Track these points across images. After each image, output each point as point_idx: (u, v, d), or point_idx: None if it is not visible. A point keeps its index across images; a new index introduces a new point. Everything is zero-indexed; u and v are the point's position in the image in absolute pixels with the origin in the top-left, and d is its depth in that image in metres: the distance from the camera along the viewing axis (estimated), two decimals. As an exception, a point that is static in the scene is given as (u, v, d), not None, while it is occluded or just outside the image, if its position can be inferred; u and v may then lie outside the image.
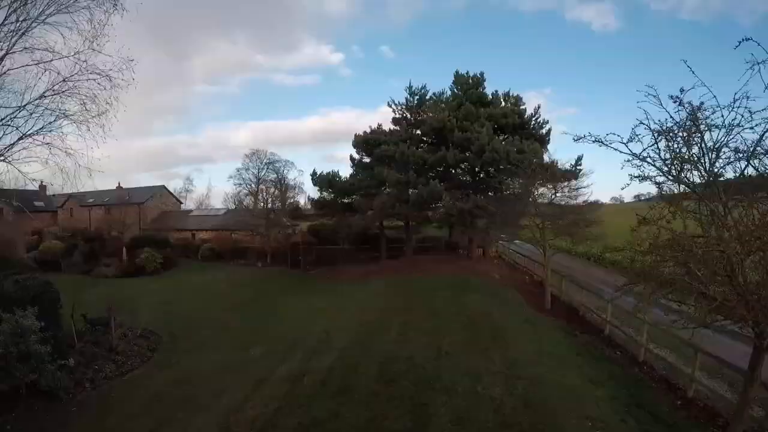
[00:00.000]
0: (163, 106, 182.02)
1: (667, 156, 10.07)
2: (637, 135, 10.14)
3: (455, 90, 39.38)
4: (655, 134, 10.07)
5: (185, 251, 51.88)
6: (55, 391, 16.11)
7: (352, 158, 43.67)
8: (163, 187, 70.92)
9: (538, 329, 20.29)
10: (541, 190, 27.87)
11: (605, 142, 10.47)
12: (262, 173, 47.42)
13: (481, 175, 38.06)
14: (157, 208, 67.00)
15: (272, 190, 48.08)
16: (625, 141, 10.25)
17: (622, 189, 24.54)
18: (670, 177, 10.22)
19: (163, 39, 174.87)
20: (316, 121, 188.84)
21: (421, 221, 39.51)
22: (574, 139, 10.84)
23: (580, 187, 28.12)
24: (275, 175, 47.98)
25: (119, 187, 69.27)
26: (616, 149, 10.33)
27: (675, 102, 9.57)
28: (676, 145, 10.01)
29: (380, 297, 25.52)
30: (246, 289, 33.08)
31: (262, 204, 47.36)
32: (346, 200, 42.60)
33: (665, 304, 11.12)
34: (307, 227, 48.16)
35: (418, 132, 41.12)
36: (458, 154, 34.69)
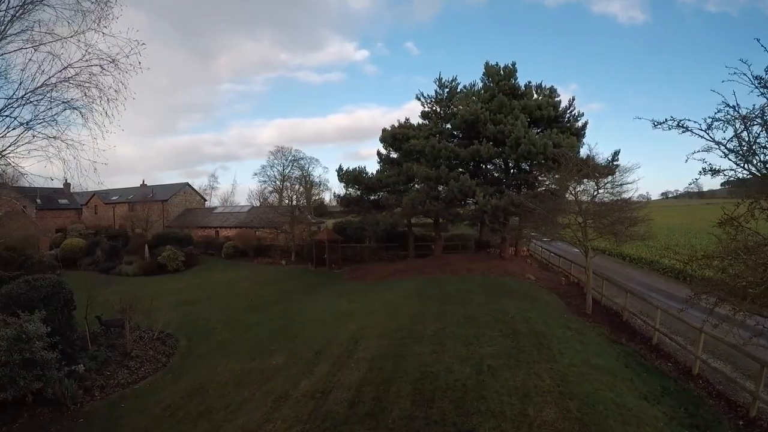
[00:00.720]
0: (189, 105, 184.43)
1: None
2: (717, 121, 8.85)
3: (486, 81, 37.50)
4: (739, 121, 8.52)
5: (208, 249, 51.36)
6: (62, 400, 15.05)
7: (379, 154, 42.31)
8: (187, 184, 70.31)
9: (582, 337, 18.63)
10: (582, 186, 26.11)
11: (688, 128, 9.14)
12: (287, 170, 46.61)
13: (515, 170, 36.26)
14: (181, 205, 66.58)
15: (297, 187, 47.25)
16: (704, 128, 8.99)
17: (691, 183, 22.89)
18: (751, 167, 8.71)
19: (189, 39, 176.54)
20: (341, 119, 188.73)
21: (451, 219, 37.57)
22: (654, 124, 9.47)
23: (625, 183, 26.08)
24: (300, 172, 47.23)
25: (143, 185, 69.70)
26: (696, 134, 8.99)
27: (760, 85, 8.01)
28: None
29: (411, 299, 23.87)
30: (269, 289, 31.77)
31: (286, 201, 46.36)
32: (372, 197, 41.29)
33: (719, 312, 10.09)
34: (333, 224, 46.84)
35: (448, 126, 39.51)
36: (492, 148, 32.87)
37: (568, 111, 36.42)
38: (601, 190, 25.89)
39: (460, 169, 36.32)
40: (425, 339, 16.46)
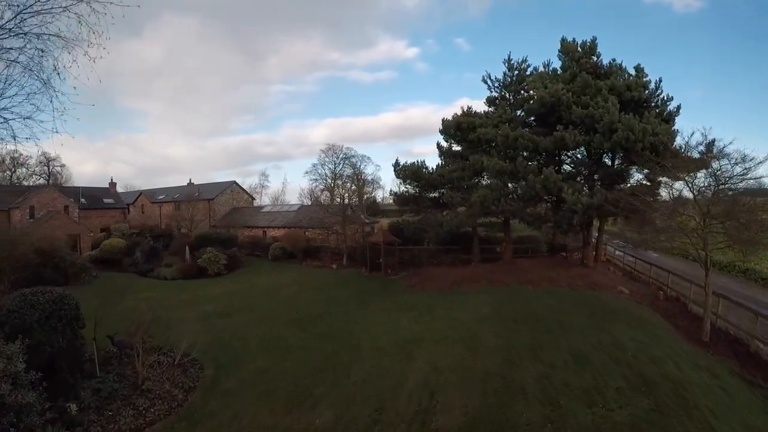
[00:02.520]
0: (242, 106, 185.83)
1: None
2: None
3: (565, 59, 32.31)
4: None
5: (254, 250, 48.18)
6: (42, 456, 11.56)
7: (439, 147, 37.74)
8: (234, 182, 67.61)
9: (721, 382, 14.35)
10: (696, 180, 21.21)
11: None
12: (338, 168, 43.42)
13: (606, 162, 30.99)
14: (228, 204, 64.11)
15: (348, 185, 43.71)
16: None
17: None
18: None
19: (241, 41, 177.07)
20: (392, 117, 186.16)
21: (531, 220, 32.16)
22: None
23: (758, 177, 20.79)
24: (351, 170, 43.82)
25: (190, 183, 68.25)
26: None
27: None
28: None
29: (490, 321, 19.27)
30: (317, 298, 27.56)
31: (338, 200, 42.84)
32: (432, 194, 36.88)
33: None
34: (388, 225, 42.53)
35: (519, 112, 34.52)
36: (578, 135, 27.78)
37: (656, 94, 30.86)
38: (723, 185, 20.76)
39: (537, 162, 31.38)
40: (528, 394, 11.94)
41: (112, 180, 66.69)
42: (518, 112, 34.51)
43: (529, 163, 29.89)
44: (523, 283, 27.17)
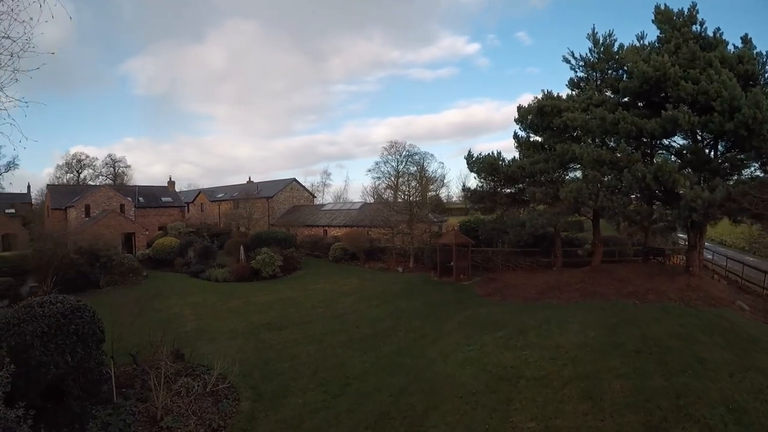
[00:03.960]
0: (305, 107, 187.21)
1: None
2: None
3: (664, 29, 27.25)
4: None
5: (314, 250, 45.44)
6: None
7: (516, 136, 33.43)
8: (294, 179, 65.09)
9: None
10: None
11: None
12: (401, 166, 40.91)
13: (725, 147, 25.76)
14: (288, 202, 61.88)
15: (413, 183, 40.20)
16: None
17: None
18: None
19: (302, 42, 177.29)
20: (454, 114, 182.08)
21: (639, 220, 26.65)
22: None
23: None
24: (415, 168, 40.72)
25: (249, 181, 66.76)
26: None
27: None
28: None
29: (605, 354, 14.82)
30: (382, 309, 23.84)
31: (401, 198, 39.73)
32: (508, 190, 32.82)
33: None
34: (459, 224, 38.56)
35: (608, 94, 29.78)
36: (692, 116, 22.88)
37: (766, 68, 25.46)
38: None
39: (640, 149, 26.61)
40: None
41: (170, 179, 65.92)
42: (608, 94, 29.82)
43: (633, 151, 25.15)
44: (625, 295, 22.75)
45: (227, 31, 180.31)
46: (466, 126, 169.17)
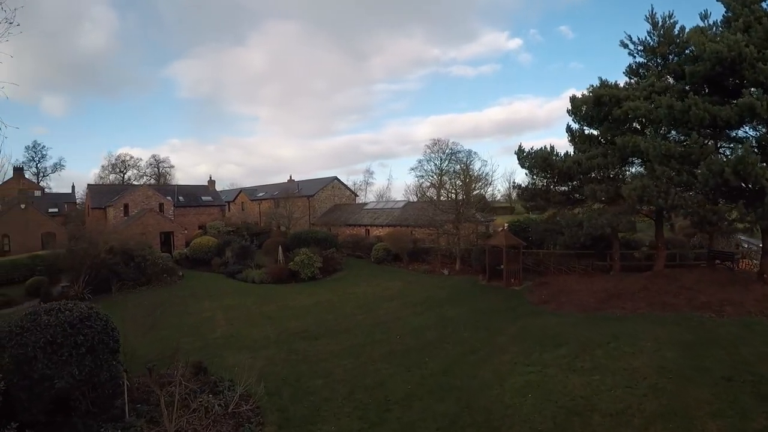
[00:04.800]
0: (347, 106, 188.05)
1: None
2: None
3: (732, 5, 24.41)
4: None
5: (356, 250, 43.56)
6: None
7: (569, 130, 31.07)
8: (336, 178, 63.69)
9: None
10: None
11: None
12: (444, 164, 39.85)
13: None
14: (329, 201, 60.57)
15: (457, 182, 38.08)
16: None
17: None
18: None
19: (343, 42, 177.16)
20: (497, 112, 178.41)
21: (716, 221, 23.55)
22: None
23: None
24: (458, 166, 39.18)
25: (290, 180, 65.72)
26: None
27: None
28: None
29: (693, 383, 12.32)
30: (427, 317, 21.78)
31: (451, 195, 37.43)
32: (561, 187, 30.57)
33: None
34: (508, 224, 36.28)
35: (671, 81, 26.96)
36: (770, 102, 20.08)
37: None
38: None
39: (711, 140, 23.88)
40: None
41: (210, 178, 65.70)
42: (670, 81, 27.14)
43: (707, 142, 22.48)
44: (698, 307, 20.08)
45: (268, 33, 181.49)
46: (509, 123, 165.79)
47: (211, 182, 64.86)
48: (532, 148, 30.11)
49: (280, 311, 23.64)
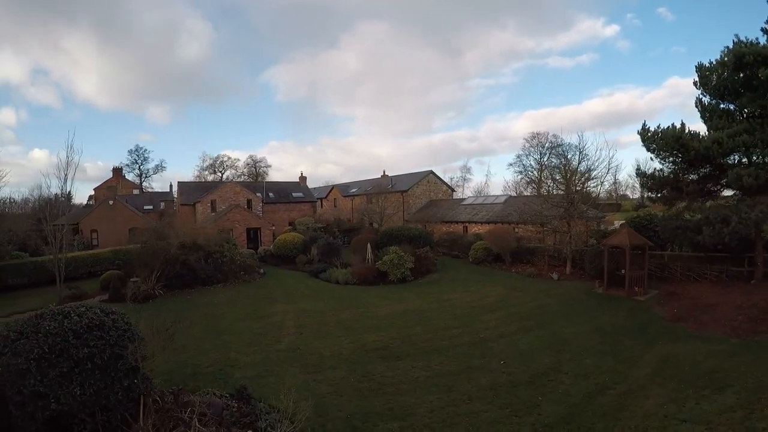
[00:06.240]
0: (442, 103, 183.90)
1: None
2: None
3: None
4: None
5: (452, 249, 40.09)
6: None
7: (699, 103, 25.91)
8: (431, 172, 60.13)
9: None
10: None
11: None
12: (545, 158, 36.87)
13: None
14: (424, 196, 57.29)
15: (556, 176, 33.95)
16: None
17: None
18: None
19: (435, 38, 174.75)
20: (596, 104, 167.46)
21: None
22: None
23: None
24: (558, 160, 35.73)
25: (384, 175, 63.64)
26: None
27: None
28: None
29: None
30: (536, 334, 17.63)
31: (546, 191, 33.79)
32: (692, 175, 25.99)
33: None
34: (627, 221, 31.24)
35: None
36: None
37: None
38: None
39: None
40: None
41: (302, 174, 64.41)
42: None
43: None
44: None
45: (359, 34, 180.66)
46: (609, 116, 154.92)
47: (302, 178, 63.47)
48: (658, 127, 25.41)
49: (360, 319, 20.25)
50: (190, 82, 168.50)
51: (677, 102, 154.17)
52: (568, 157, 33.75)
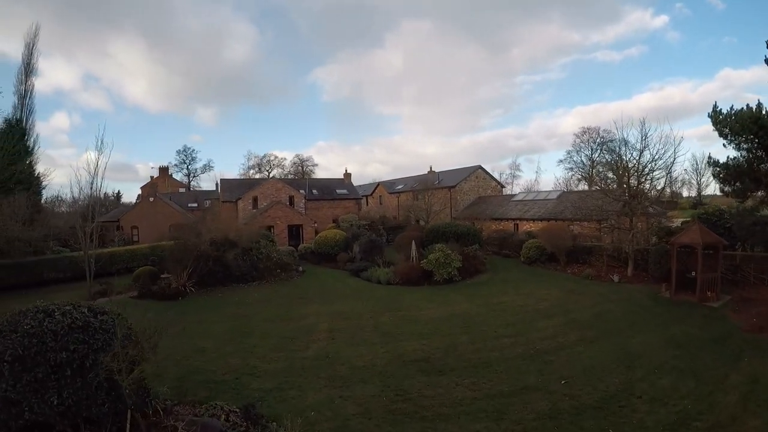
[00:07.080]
0: (489, 101, 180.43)
1: None
2: None
3: None
4: None
5: (502, 248, 38.04)
6: None
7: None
8: (480, 167, 57.86)
9: None
10: None
11: None
12: (596, 155, 33.66)
13: None
14: (473, 192, 55.31)
15: (609, 174, 31.55)
16: None
17: None
18: None
19: (478, 35, 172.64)
20: (647, 98, 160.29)
21: None
22: None
23: None
24: (610, 156, 32.76)
25: (431, 171, 62.16)
26: None
27: None
28: None
29: None
30: (600, 346, 15.22)
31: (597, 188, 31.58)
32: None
33: None
34: (696, 216, 28.43)
35: None
36: None
37: None
38: None
39: None
40: None
41: (346, 170, 63.50)
42: None
43: None
44: None
45: (403, 33, 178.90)
46: (661, 110, 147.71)
47: (347, 175, 62.25)
48: (731, 108, 22.72)
49: (400, 324, 18.35)
50: (236, 84, 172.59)
51: (729, 94, 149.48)
52: (629, 144, 31.26)
